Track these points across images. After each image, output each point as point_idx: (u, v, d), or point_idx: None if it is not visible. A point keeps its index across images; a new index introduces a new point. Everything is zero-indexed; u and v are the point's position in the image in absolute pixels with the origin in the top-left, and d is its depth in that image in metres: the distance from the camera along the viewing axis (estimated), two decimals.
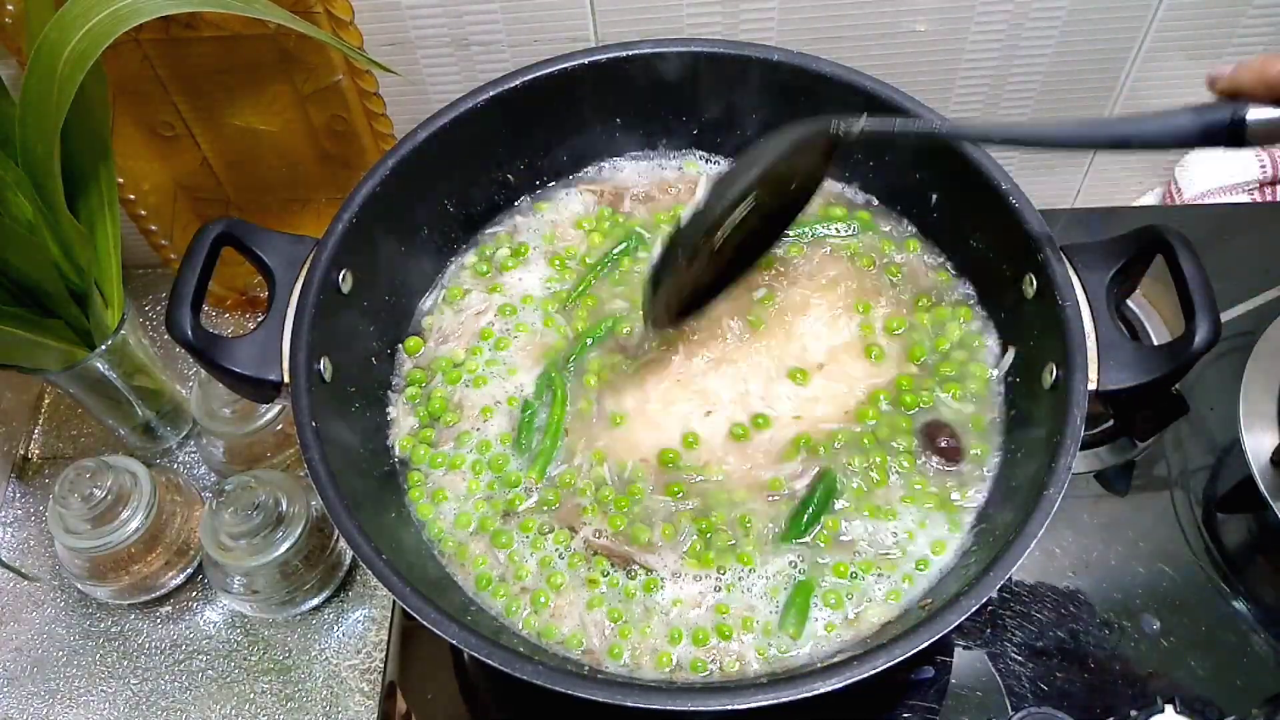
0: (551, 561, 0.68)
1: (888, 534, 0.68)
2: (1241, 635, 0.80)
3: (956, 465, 0.70)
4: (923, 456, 0.70)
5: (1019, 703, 0.77)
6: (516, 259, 0.81)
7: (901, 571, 0.66)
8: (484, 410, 0.74)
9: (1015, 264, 0.70)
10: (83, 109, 0.74)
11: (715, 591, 0.67)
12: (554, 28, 0.88)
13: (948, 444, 0.70)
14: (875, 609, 0.65)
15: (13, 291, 0.77)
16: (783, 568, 0.67)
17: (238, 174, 0.97)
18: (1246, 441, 0.80)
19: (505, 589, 0.68)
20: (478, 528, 0.70)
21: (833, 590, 0.66)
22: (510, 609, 0.67)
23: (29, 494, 0.98)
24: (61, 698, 0.86)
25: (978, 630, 0.80)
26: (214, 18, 0.81)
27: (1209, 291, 0.61)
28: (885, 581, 0.66)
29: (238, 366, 0.65)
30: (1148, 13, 0.90)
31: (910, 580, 0.66)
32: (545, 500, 0.70)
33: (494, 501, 0.71)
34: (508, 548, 0.69)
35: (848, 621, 0.65)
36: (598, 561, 0.68)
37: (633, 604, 0.66)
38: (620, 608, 0.66)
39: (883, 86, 0.74)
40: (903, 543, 0.67)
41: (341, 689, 0.85)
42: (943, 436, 0.71)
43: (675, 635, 0.65)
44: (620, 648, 0.65)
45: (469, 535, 0.70)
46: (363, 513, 0.62)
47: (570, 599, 0.67)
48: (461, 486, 0.72)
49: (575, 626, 0.66)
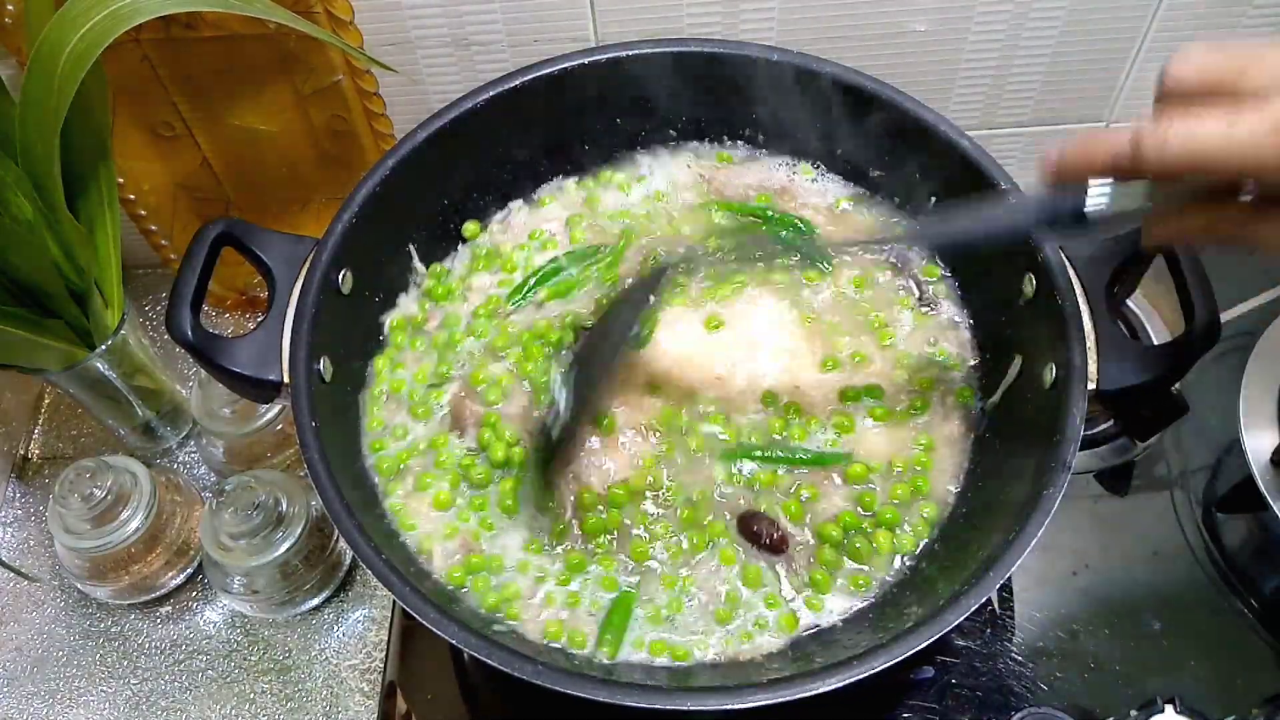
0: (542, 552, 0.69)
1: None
2: (1241, 635, 0.80)
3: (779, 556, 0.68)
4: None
5: (1019, 703, 0.77)
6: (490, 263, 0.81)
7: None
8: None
9: (1015, 264, 0.69)
10: (83, 109, 0.74)
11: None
12: (554, 28, 0.88)
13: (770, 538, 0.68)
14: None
15: (13, 291, 0.77)
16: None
17: (238, 174, 0.97)
18: (1246, 441, 0.80)
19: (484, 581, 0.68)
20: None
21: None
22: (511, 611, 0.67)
23: (29, 494, 0.98)
24: (61, 698, 0.86)
25: (978, 630, 0.80)
26: (214, 18, 0.81)
27: (1209, 291, 0.61)
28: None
29: (238, 366, 0.65)
30: (1148, 13, 0.90)
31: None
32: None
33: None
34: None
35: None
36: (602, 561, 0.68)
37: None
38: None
39: (883, 86, 0.74)
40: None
41: (341, 689, 0.85)
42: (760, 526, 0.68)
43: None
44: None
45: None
46: (363, 513, 0.62)
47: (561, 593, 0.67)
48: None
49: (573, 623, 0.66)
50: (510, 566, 0.68)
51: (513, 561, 0.68)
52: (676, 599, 0.66)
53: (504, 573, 0.68)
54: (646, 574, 0.67)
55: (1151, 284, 0.75)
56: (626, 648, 0.65)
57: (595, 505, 0.69)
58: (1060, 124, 1.02)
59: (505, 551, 0.69)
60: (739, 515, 0.69)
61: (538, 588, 0.67)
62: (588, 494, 0.69)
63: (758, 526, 0.68)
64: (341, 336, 0.70)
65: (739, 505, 0.69)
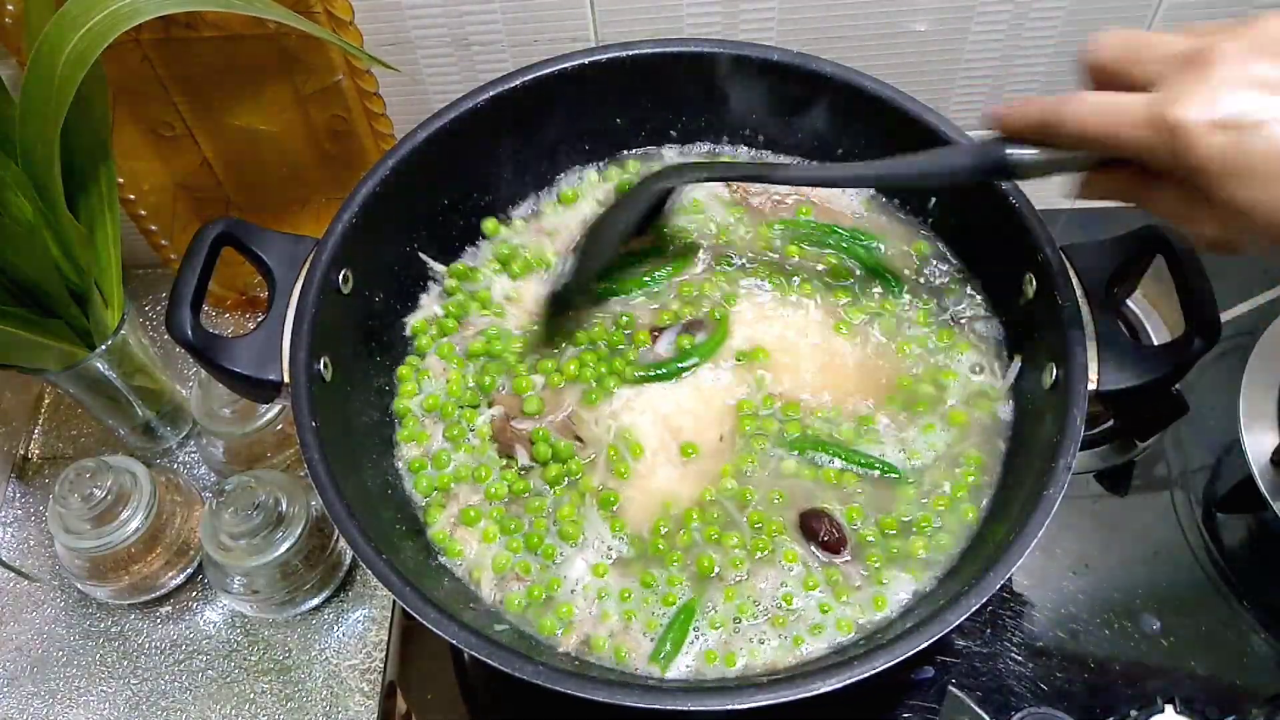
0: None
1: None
2: (1241, 635, 0.80)
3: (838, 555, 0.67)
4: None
5: (1019, 703, 0.77)
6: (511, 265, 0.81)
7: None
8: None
9: (1015, 264, 0.69)
10: (83, 109, 0.74)
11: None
12: (554, 28, 0.88)
13: (828, 536, 0.67)
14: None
15: (13, 291, 0.77)
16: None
17: (238, 174, 0.97)
18: (1246, 441, 0.80)
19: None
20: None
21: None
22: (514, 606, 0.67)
23: (29, 494, 0.98)
24: (61, 698, 0.86)
25: (978, 630, 0.80)
26: (214, 18, 0.81)
27: (1209, 291, 0.61)
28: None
29: (238, 366, 0.65)
30: (1148, 13, 0.90)
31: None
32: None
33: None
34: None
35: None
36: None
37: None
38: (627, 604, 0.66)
39: (883, 86, 0.74)
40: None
41: (341, 689, 0.85)
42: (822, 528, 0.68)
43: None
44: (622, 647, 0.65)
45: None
46: (363, 514, 0.62)
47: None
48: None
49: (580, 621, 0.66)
50: (571, 590, 0.67)
51: (575, 585, 0.67)
52: (742, 605, 0.65)
53: (561, 594, 0.67)
54: (709, 585, 0.67)
55: (1151, 284, 0.75)
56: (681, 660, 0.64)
57: (666, 530, 0.69)
58: None
59: (566, 579, 0.68)
60: (801, 512, 0.69)
61: (596, 605, 0.67)
62: (662, 523, 0.69)
63: (817, 524, 0.68)
64: (342, 337, 0.70)
65: (802, 503, 0.69)
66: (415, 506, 0.72)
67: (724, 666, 0.63)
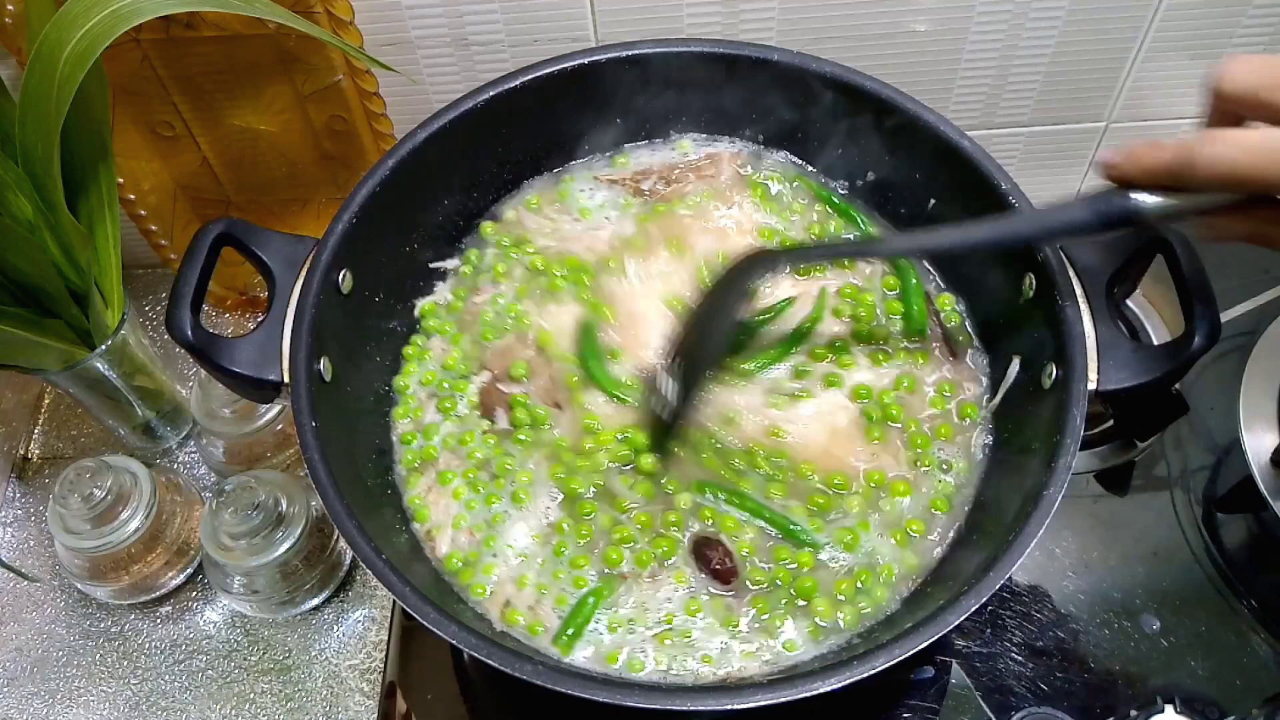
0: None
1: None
2: (1241, 635, 0.80)
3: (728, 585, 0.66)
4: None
5: (1019, 703, 0.77)
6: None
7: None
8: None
9: (1015, 264, 0.69)
10: (83, 109, 0.74)
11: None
12: (554, 28, 0.88)
13: (720, 565, 0.66)
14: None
15: (13, 291, 0.77)
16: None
17: (238, 174, 0.97)
18: (1246, 441, 0.80)
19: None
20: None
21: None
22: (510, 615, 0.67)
23: (29, 494, 0.98)
24: (61, 698, 0.86)
25: (978, 630, 0.80)
26: (214, 18, 0.81)
27: (1209, 291, 0.61)
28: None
29: (238, 366, 0.65)
30: (1148, 13, 0.90)
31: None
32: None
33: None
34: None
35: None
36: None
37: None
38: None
39: (883, 86, 0.74)
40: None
41: (341, 689, 0.85)
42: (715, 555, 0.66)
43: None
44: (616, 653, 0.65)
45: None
46: (363, 513, 0.62)
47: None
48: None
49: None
50: (510, 554, 0.69)
51: (517, 550, 0.69)
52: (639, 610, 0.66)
53: (498, 557, 0.69)
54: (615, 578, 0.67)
55: (1151, 284, 0.75)
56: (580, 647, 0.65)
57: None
58: (1060, 124, 1.02)
59: (512, 541, 0.69)
60: (695, 539, 0.68)
61: (519, 570, 0.68)
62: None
63: (710, 552, 0.67)
64: (342, 337, 0.70)
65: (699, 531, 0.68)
66: (403, 485, 0.73)
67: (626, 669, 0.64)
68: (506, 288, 0.79)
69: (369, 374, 0.75)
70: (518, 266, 0.80)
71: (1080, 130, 1.03)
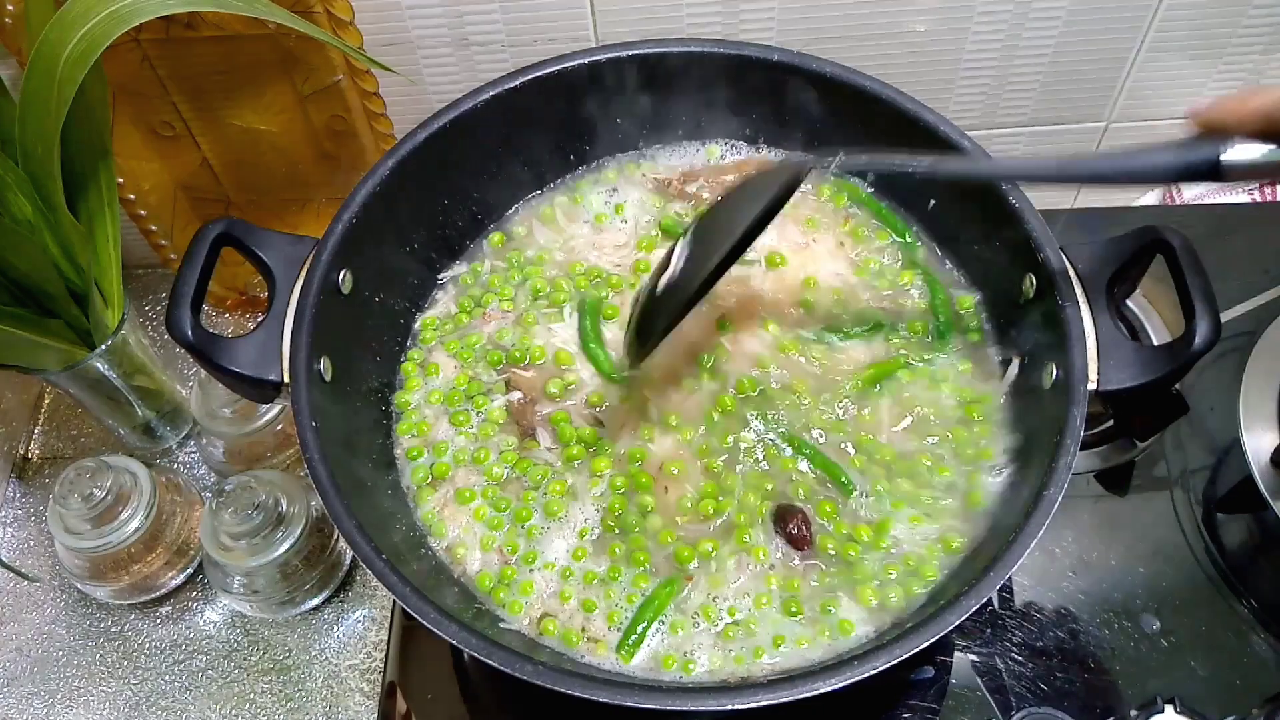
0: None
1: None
2: (1241, 635, 0.80)
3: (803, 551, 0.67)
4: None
5: (1019, 703, 0.77)
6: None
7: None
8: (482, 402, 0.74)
9: (1015, 264, 0.69)
10: (83, 109, 0.74)
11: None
12: (554, 28, 0.88)
13: (797, 530, 0.67)
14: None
15: (13, 291, 0.77)
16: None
17: (238, 174, 0.97)
18: (1246, 441, 0.80)
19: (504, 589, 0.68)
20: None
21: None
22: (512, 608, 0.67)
23: (29, 494, 0.98)
24: (61, 698, 0.86)
25: (978, 630, 0.80)
26: (214, 18, 0.81)
27: (1209, 291, 0.61)
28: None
29: (238, 366, 0.65)
30: (1148, 13, 0.90)
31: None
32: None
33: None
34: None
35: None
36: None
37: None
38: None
39: (883, 86, 0.74)
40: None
41: (341, 689, 0.85)
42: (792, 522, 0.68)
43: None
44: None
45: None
46: (363, 513, 0.62)
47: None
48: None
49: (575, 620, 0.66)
50: (544, 568, 0.68)
51: (554, 565, 0.68)
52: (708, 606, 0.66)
53: (535, 573, 0.68)
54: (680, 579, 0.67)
55: (1151, 284, 0.75)
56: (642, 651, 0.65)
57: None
58: (1060, 124, 1.02)
59: (545, 556, 0.69)
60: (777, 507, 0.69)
61: (558, 584, 0.68)
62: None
63: (790, 518, 0.67)
64: (342, 337, 0.70)
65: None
66: (413, 500, 0.72)
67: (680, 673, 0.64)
68: (521, 300, 0.78)
69: (369, 374, 0.75)
70: (521, 290, 0.79)
71: (1080, 130, 1.03)
